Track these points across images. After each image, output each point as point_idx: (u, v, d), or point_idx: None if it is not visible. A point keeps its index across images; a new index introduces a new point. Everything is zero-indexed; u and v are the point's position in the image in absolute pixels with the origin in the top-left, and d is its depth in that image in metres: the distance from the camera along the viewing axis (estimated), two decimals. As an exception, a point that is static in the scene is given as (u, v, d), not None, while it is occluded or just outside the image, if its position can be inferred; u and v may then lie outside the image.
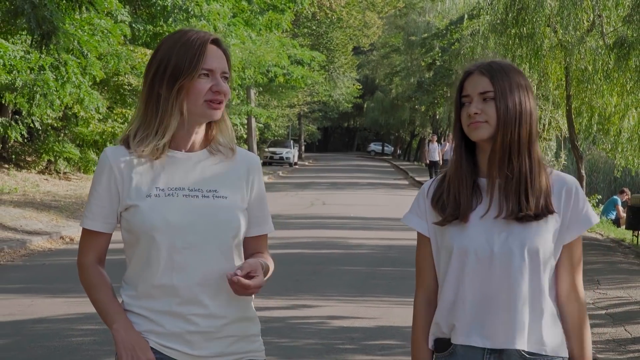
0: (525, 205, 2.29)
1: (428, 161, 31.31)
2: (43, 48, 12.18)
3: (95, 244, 2.40)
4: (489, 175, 2.34)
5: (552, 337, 2.35)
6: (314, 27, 45.33)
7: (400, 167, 44.91)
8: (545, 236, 2.31)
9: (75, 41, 14.61)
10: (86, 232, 2.41)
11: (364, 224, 16.27)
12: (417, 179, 32.89)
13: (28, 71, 16.39)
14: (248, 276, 2.27)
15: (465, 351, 2.34)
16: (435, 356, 2.42)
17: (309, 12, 37.75)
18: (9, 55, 15.59)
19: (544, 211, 2.30)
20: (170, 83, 2.32)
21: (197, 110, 2.34)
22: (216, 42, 2.39)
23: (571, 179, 2.38)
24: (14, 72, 16.04)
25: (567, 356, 2.38)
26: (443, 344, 2.39)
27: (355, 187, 27.50)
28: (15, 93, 16.69)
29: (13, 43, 15.98)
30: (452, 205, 2.35)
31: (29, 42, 15.56)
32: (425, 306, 2.45)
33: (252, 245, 2.49)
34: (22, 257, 11.52)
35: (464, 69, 2.43)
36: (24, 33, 15.03)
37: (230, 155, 2.44)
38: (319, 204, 20.00)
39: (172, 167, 2.38)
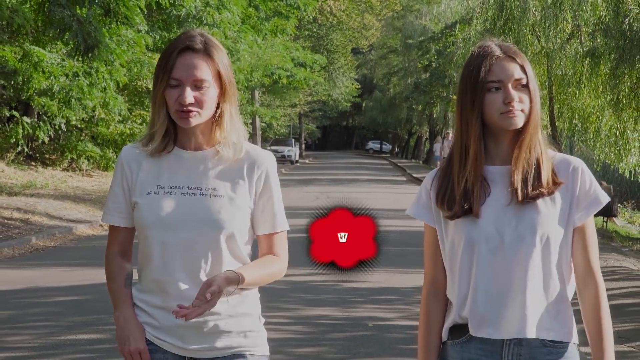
0: (537, 185, 2.24)
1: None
2: (85, 59, 13.89)
3: (116, 237, 2.49)
4: (515, 163, 2.25)
5: (569, 322, 2.31)
6: (315, 30, 46.91)
7: (398, 164, 46.21)
8: (555, 219, 2.25)
9: (110, 52, 16.37)
10: (109, 227, 2.52)
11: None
12: (415, 175, 34.27)
13: (63, 77, 18.24)
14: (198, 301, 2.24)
15: (483, 342, 2.27)
16: (451, 343, 2.34)
17: (311, 16, 39.29)
18: (47, 62, 17.43)
19: (553, 186, 2.25)
20: (154, 90, 2.39)
21: (175, 118, 2.38)
22: (191, 48, 2.33)
23: (576, 159, 2.30)
24: (51, 78, 17.87)
25: (577, 342, 2.33)
26: (459, 330, 2.32)
27: (356, 184, 28.45)
28: (52, 98, 18.49)
29: (49, 51, 17.77)
30: (460, 201, 2.26)
31: (65, 51, 17.35)
32: (432, 297, 2.38)
33: (263, 244, 2.48)
34: (71, 240, 13.30)
35: (483, 49, 2.27)
36: (58, 42, 16.73)
37: (238, 153, 2.41)
38: (324, 198, 21.54)
39: (176, 166, 2.42)
